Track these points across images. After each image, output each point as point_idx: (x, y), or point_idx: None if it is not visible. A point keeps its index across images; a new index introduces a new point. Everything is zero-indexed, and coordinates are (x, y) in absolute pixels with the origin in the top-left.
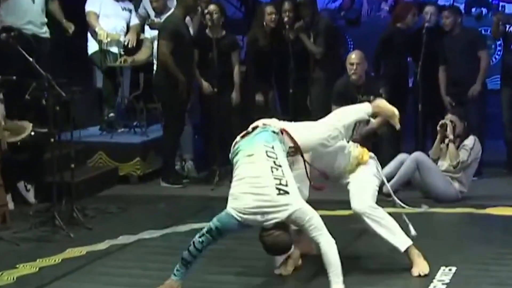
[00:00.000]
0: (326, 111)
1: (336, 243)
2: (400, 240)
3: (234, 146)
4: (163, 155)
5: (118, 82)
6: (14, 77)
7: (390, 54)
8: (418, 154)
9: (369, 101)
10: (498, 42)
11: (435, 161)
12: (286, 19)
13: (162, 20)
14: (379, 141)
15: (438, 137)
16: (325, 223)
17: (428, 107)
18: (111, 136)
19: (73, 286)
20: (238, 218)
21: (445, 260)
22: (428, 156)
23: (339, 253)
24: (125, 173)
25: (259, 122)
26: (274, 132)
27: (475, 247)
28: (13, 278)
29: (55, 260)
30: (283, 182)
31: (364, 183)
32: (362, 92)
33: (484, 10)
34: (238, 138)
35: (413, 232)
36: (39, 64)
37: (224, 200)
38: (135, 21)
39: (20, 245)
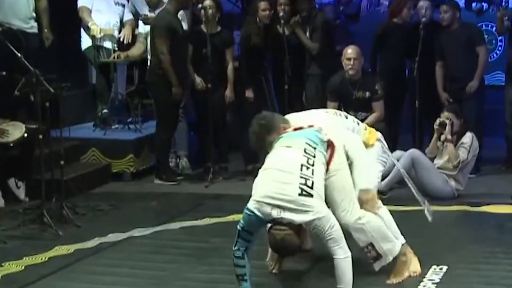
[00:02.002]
0: (321, 108)
1: None
2: (391, 246)
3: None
4: (156, 152)
5: (112, 78)
6: (4, 73)
7: (386, 49)
8: (413, 151)
9: (365, 97)
10: (499, 38)
11: (432, 159)
12: (281, 13)
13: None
14: None
15: (435, 135)
16: None
17: (425, 104)
18: (104, 132)
19: (59, 285)
20: (255, 211)
21: (437, 259)
22: (425, 153)
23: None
24: (118, 170)
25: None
26: (322, 139)
27: (468, 246)
28: None
29: (41, 259)
30: (309, 183)
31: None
32: (358, 88)
33: (485, 5)
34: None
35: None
36: (28, 60)
37: (218, 197)
38: (129, 16)
39: (8, 243)
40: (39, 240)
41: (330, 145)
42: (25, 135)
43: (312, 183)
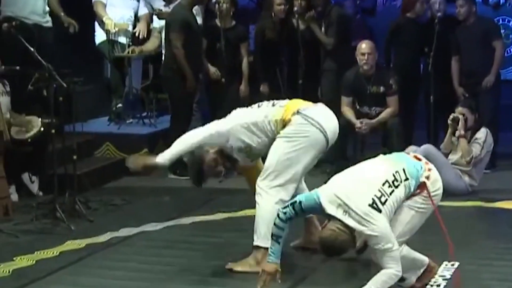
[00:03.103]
0: (337, 103)
1: None
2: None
3: None
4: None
5: (126, 73)
6: (18, 67)
7: (400, 44)
8: (427, 147)
9: (379, 92)
10: None
11: (447, 154)
12: (296, 8)
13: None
14: (388, 133)
15: (449, 130)
16: None
17: (440, 99)
18: (118, 127)
19: (69, 279)
20: (323, 201)
21: (449, 255)
22: (439, 149)
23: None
24: None
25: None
26: (418, 177)
27: (481, 242)
28: (9, 271)
29: (53, 253)
30: (383, 199)
31: None
32: (372, 83)
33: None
34: None
35: None
36: (42, 54)
37: (231, 192)
38: (144, 10)
39: (20, 237)
40: (51, 234)
41: (422, 186)
42: (41, 129)
43: (386, 200)
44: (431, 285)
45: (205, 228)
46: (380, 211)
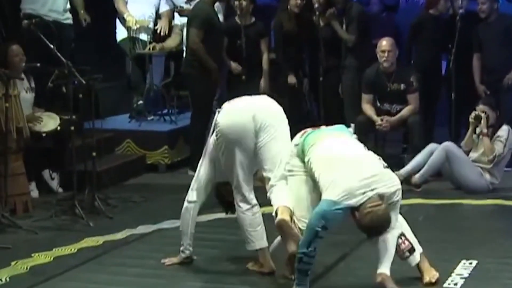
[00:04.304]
0: (357, 100)
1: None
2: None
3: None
4: (190, 143)
5: (147, 70)
6: (38, 64)
7: (421, 41)
8: (447, 144)
9: (400, 89)
10: None
11: (468, 152)
12: (316, 5)
13: (192, 7)
14: (409, 130)
15: (470, 128)
16: None
17: (461, 96)
18: (139, 124)
19: (85, 276)
20: (347, 204)
21: (467, 253)
22: (460, 146)
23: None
24: (153, 161)
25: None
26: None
27: (500, 240)
28: (27, 268)
29: (70, 250)
30: (382, 161)
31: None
32: (393, 80)
33: None
34: (297, 137)
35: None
36: (62, 51)
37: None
38: (165, 7)
39: (39, 233)
40: (70, 231)
41: None
42: (58, 128)
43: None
44: (449, 284)
45: (222, 225)
46: (388, 167)
